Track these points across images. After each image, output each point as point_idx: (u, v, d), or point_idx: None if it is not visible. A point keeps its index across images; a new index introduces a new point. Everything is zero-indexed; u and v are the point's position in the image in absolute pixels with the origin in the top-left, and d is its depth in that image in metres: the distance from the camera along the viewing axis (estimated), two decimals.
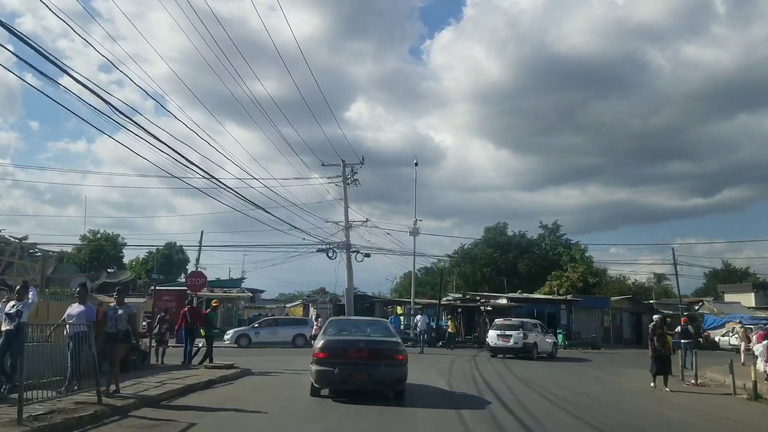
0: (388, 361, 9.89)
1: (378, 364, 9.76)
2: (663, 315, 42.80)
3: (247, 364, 16.85)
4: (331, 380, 9.82)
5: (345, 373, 9.62)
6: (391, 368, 9.84)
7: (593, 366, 21.52)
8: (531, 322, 25.11)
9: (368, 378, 9.73)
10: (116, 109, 10.23)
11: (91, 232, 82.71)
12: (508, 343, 22.76)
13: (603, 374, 18.14)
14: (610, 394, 12.98)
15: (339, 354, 9.81)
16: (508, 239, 60.58)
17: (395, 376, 9.90)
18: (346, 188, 33.35)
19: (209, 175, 16.82)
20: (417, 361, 19.63)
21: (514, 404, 10.53)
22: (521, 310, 36.90)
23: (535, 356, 22.84)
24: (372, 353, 9.90)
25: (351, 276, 33.38)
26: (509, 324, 23.78)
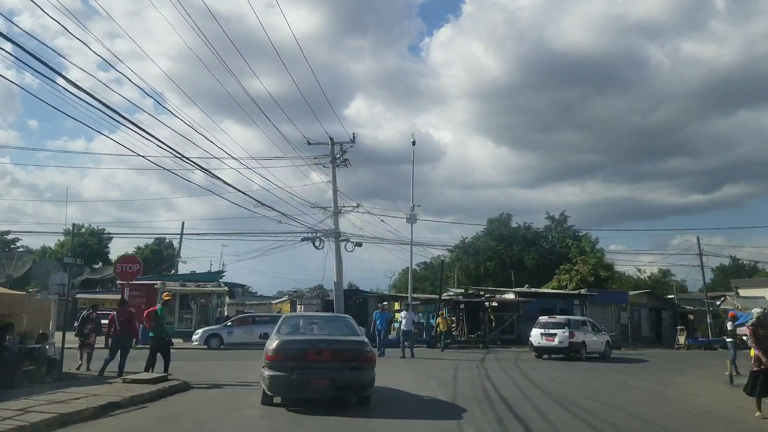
0: (354, 364, 8.68)
1: (341, 367, 8.57)
2: (686, 311, 39.64)
3: (200, 373, 13.76)
4: (286, 387, 8.51)
5: (303, 378, 8.39)
6: (357, 372, 8.65)
7: (653, 370, 18.20)
8: (579, 319, 23.42)
9: (330, 383, 8.49)
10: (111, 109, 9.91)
11: (75, 227, 79.38)
12: (552, 343, 21.18)
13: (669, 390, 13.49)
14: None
15: (296, 356, 8.56)
16: (513, 231, 57.08)
17: (361, 381, 8.70)
18: (334, 169, 29.76)
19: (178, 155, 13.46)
20: (401, 367, 16.02)
21: None
22: (530, 305, 33.40)
23: (583, 357, 21.10)
24: (334, 355, 8.69)
25: (340, 267, 29.78)
26: (554, 322, 22.20)
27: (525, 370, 16.12)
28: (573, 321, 22.50)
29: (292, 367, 8.41)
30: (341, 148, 29.78)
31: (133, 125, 11.11)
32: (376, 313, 21.06)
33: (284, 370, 8.42)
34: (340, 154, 29.65)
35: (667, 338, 36.37)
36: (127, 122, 10.97)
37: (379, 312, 20.82)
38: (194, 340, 24.70)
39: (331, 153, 29.69)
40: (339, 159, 29.71)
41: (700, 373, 17.65)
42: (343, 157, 29.74)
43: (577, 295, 35.86)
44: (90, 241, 76.32)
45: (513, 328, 32.87)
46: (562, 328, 21.40)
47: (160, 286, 29.12)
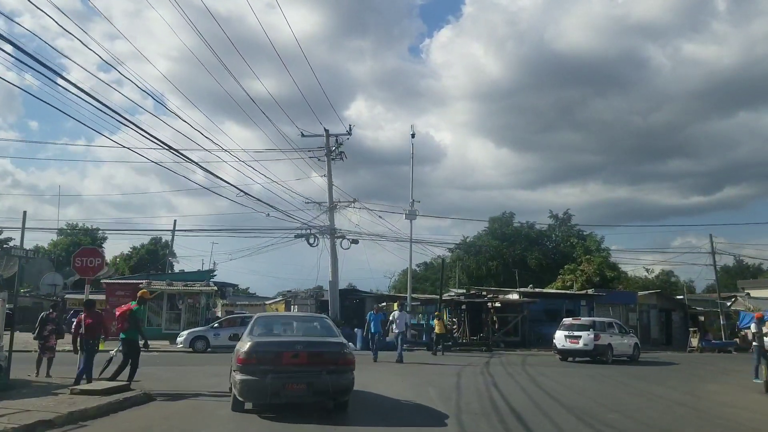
0: (332, 367, 8.20)
1: (319, 370, 8.09)
2: (697, 311, 38.06)
3: (172, 380, 12.45)
4: (259, 392, 7.95)
5: (278, 382, 7.87)
6: (336, 375, 8.17)
7: (676, 376, 16.64)
8: (605, 321, 22.54)
9: (307, 388, 8.00)
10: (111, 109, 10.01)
11: (69, 226, 78.20)
12: (577, 345, 20.49)
13: (702, 401, 11.78)
14: None
15: (270, 359, 8.02)
16: (516, 230, 55.54)
17: (340, 385, 8.20)
18: (329, 161, 28.34)
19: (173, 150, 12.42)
20: (398, 372, 14.47)
21: None
22: (534, 306, 31.89)
23: (609, 360, 20.40)
24: (312, 357, 8.17)
25: (336, 266, 28.37)
26: (578, 324, 21.48)
27: (535, 377, 14.58)
28: (598, 323, 21.69)
29: (266, 370, 7.87)
30: (337, 140, 28.37)
31: (132, 125, 10.95)
32: (370, 314, 19.43)
33: (257, 374, 7.87)
34: (335, 146, 28.22)
35: (677, 340, 34.84)
36: (126, 122, 10.94)
37: (374, 313, 19.13)
38: (179, 342, 23.17)
39: (326, 145, 28.27)
40: (335, 151, 28.28)
41: (727, 380, 16.18)
42: (338, 149, 28.35)
43: (584, 295, 34.35)
44: (83, 241, 74.93)
45: (517, 330, 31.33)
46: (587, 330, 20.65)
47: (145, 286, 27.62)
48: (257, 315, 11.27)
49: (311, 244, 27.81)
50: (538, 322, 32.61)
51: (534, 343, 30.38)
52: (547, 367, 17.89)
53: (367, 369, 15.52)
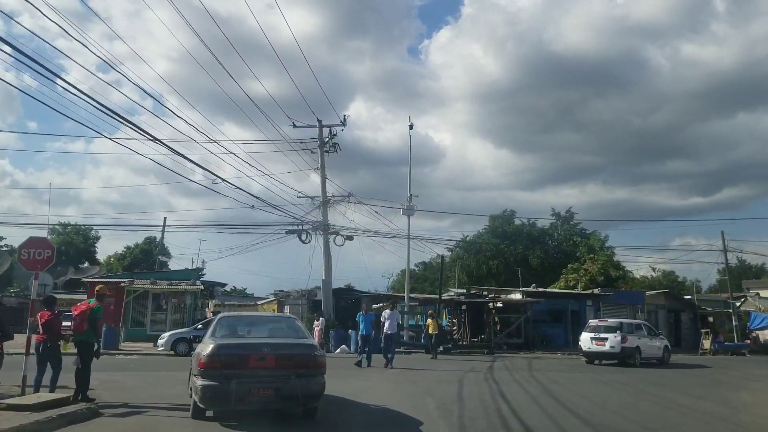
0: (302, 370, 7.67)
1: (288, 374, 7.56)
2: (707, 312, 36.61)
3: (135, 390, 11.05)
4: (223, 398, 7.35)
5: (243, 387, 7.30)
6: (306, 379, 7.64)
7: (702, 383, 15.18)
8: (633, 322, 21.88)
9: (274, 393, 7.45)
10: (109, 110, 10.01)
11: (60, 225, 76.87)
12: (603, 348, 19.91)
13: (741, 414, 10.15)
14: None
15: (235, 363, 7.45)
16: (517, 229, 54.01)
17: (310, 390, 7.67)
18: (323, 153, 26.86)
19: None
20: (391, 380, 12.96)
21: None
22: (538, 306, 30.45)
23: (637, 363, 19.79)
24: (280, 360, 7.61)
25: (329, 263, 26.88)
26: (605, 325, 20.86)
27: (546, 384, 13.08)
28: (626, 324, 20.99)
29: (230, 375, 7.31)
30: (330, 131, 26.90)
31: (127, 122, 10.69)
32: (360, 314, 17.81)
33: (220, 379, 7.28)
34: (329, 137, 26.75)
35: (687, 342, 33.43)
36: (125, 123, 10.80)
37: (363, 313, 17.33)
38: (159, 345, 21.65)
39: (319, 136, 26.80)
40: (328, 143, 26.81)
41: (757, 387, 14.68)
42: (332, 140, 26.87)
43: (590, 295, 32.93)
44: (75, 240, 73.49)
45: (520, 332, 29.87)
46: (614, 331, 20.06)
47: (127, 285, 26.18)
48: (220, 315, 9.95)
49: (303, 241, 26.32)
50: (542, 323, 31.24)
51: (538, 345, 28.97)
52: (557, 372, 16.40)
53: (358, 375, 14.03)
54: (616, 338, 19.68)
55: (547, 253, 51.79)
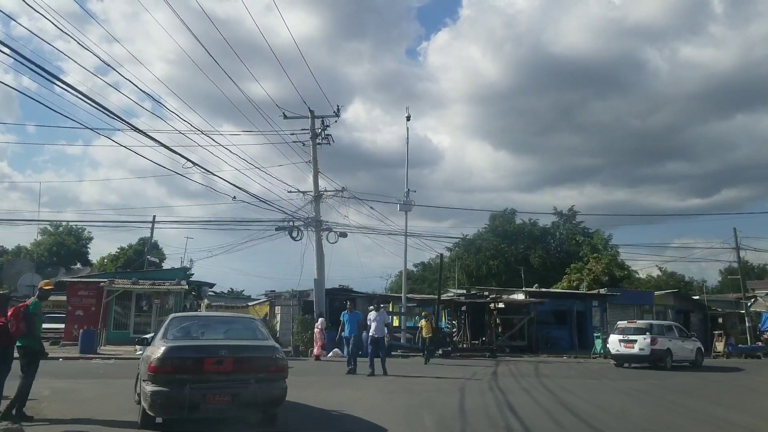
0: (262, 375, 7.12)
1: (246, 379, 7.01)
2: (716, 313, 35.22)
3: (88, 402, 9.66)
4: (175, 405, 6.76)
5: (197, 393, 6.76)
6: (266, 384, 7.10)
7: (734, 390, 14.02)
8: (663, 324, 21.39)
9: (231, 400, 6.90)
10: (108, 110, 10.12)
11: (52, 225, 75.47)
12: (632, 350, 19.33)
13: None
14: None
15: (189, 366, 6.88)
16: (518, 228, 52.66)
17: (271, 396, 7.11)
18: (315, 145, 25.43)
19: None
20: (383, 389, 11.51)
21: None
22: (542, 307, 29.04)
23: (669, 366, 19.17)
24: (238, 364, 7.05)
25: (322, 262, 25.44)
26: (634, 327, 20.29)
27: (558, 394, 11.65)
28: (656, 326, 20.43)
29: (184, 380, 6.83)
30: (323, 122, 25.46)
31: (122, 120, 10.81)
32: (344, 314, 16.04)
33: (173, 385, 6.80)
34: (321, 128, 25.33)
35: None
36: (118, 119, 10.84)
37: (348, 313, 15.66)
38: (137, 349, 20.15)
39: (311, 127, 25.38)
40: (320, 135, 25.39)
41: None
42: (324, 132, 25.45)
43: (596, 295, 31.52)
44: (67, 240, 72.10)
45: (523, 334, 28.46)
46: (643, 333, 19.45)
47: (106, 285, 24.73)
48: (172, 315, 9.09)
49: (294, 238, 24.88)
50: (546, 325, 29.84)
51: (542, 348, 27.57)
52: (567, 378, 14.95)
53: (347, 383, 12.58)
54: (646, 340, 19.03)
55: (549, 253, 50.49)
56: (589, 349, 27.16)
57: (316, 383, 12.62)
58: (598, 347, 25.26)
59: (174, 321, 8.29)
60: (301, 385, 12.41)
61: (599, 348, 25.21)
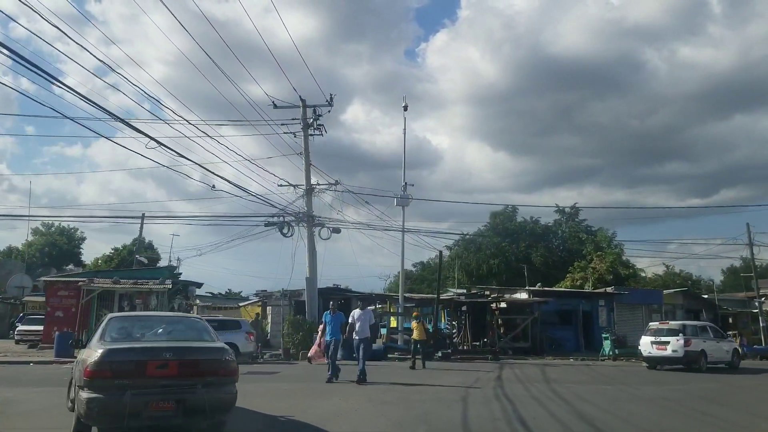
0: (210, 379, 6.65)
1: (193, 383, 6.53)
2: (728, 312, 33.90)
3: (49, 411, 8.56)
4: (114, 413, 6.23)
5: (139, 400, 6.25)
6: (215, 389, 6.64)
7: None
8: (698, 324, 20.96)
9: (176, 407, 6.43)
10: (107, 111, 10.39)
11: (44, 225, 74.10)
12: (664, 352, 18.87)
13: None
14: None
15: (129, 371, 6.37)
16: (519, 226, 51.25)
17: (219, 401, 6.65)
18: (306, 136, 24.06)
19: None
20: (375, 399, 10.09)
21: None
22: (546, 307, 27.67)
23: (704, 368, 18.66)
24: (184, 367, 6.58)
25: (314, 259, 24.08)
26: (667, 328, 19.75)
27: (573, 403, 10.26)
28: (690, 326, 19.97)
29: (124, 385, 6.29)
30: (315, 111, 24.08)
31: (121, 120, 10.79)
32: (326, 314, 14.09)
33: (111, 391, 6.26)
34: (313, 117, 23.96)
35: None
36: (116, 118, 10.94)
37: (330, 313, 13.74)
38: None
39: (303, 117, 24.00)
40: (313, 125, 24.02)
41: None
42: (317, 122, 24.08)
43: (602, 294, 30.15)
44: (59, 241, 70.76)
45: (526, 335, 27.09)
46: (676, 334, 18.98)
47: (85, 284, 23.31)
48: (110, 315, 8.25)
49: (285, 234, 23.50)
50: (550, 325, 28.46)
51: (547, 350, 26.19)
52: (579, 384, 13.54)
53: (333, 392, 11.16)
54: (679, 342, 18.56)
55: (551, 251, 49.06)
56: (595, 350, 25.81)
57: (299, 392, 11.24)
58: (607, 349, 23.89)
59: (113, 321, 7.65)
60: (282, 394, 11.02)
61: (608, 350, 23.85)
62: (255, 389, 11.40)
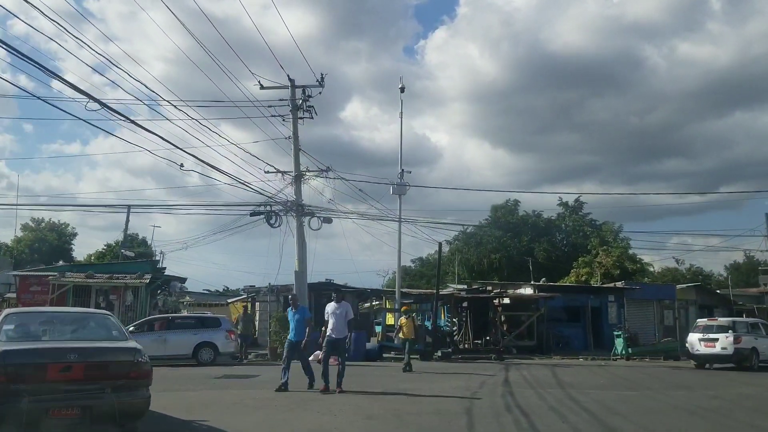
0: (120, 382, 6.26)
1: (101, 387, 6.14)
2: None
3: None
4: (10, 423, 5.71)
5: (39, 407, 5.78)
6: (125, 393, 6.26)
7: None
8: (749, 321, 20.26)
9: (81, 413, 5.98)
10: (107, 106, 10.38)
11: (34, 221, 72.49)
12: (713, 350, 18.27)
13: None
14: None
15: (28, 375, 5.89)
16: (521, 219, 49.58)
17: (131, 407, 6.29)
18: (296, 119, 22.30)
19: None
20: (360, 410, 8.35)
21: None
22: (552, 303, 26.00)
23: (755, 366, 18.04)
24: (91, 370, 6.17)
25: (303, 251, 22.32)
26: (716, 325, 19.17)
27: (601, 415, 8.56)
28: (740, 323, 19.33)
29: (21, 390, 5.69)
30: (304, 92, 22.32)
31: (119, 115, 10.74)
32: (288, 310, 11.98)
33: (7, 398, 5.64)
34: (302, 99, 22.21)
35: None
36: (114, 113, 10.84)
37: (291, 309, 11.70)
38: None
39: (291, 97, 22.22)
40: (302, 106, 22.27)
41: None
42: (306, 104, 22.32)
43: (612, 289, 28.48)
44: (49, 237, 69.12)
45: (531, 332, 25.42)
46: (726, 331, 18.26)
47: (54, 279, 21.60)
48: (6, 311, 7.60)
49: (272, 225, 21.73)
50: (557, 322, 26.79)
51: (553, 349, 24.53)
52: (601, 390, 11.80)
53: (314, 403, 9.40)
54: (728, 339, 17.90)
55: (555, 246, 47.42)
56: (605, 348, 24.17)
57: (274, 402, 9.51)
58: (619, 348, 22.21)
59: (9, 319, 6.97)
60: (253, 406, 9.25)
61: (620, 348, 22.17)
62: (221, 398, 9.70)
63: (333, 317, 11.06)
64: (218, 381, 12.77)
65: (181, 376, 13.59)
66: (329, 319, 11.11)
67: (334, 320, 11.01)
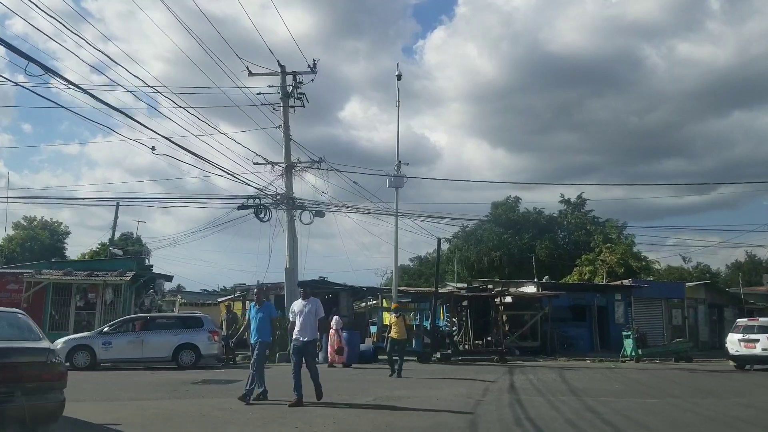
0: (32, 384, 5.97)
1: (10, 390, 5.79)
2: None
3: None
4: None
5: None
6: (37, 396, 5.98)
7: None
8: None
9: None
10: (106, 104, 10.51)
11: (26, 219, 71.22)
12: (754, 350, 17.79)
13: None
14: None
15: None
16: (522, 217, 48.36)
17: (44, 410, 6.02)
18: (286, 107, 21.13)
19: None
20: (342, 426, 7.10)
21: None
22: (556, 302, 24.79)
23: None
24: (1, 371, 5.77)
25: (294, 247, 21.18)
26: (757, 325, 18.53)
27: (623, 428, 7.33)
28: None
29: None
30: (295, 78, 21.14)
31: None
32: (251, 307, 10.58)
33: None
34: (293, 85, 21.02)
35: None
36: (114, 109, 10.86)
37: (254, 305, 10.34)
38: None
39: (281, 84, 21.07)
40: (293, 93, 21.08)
41: None
42: (298, 92, 21.13)
43: (619, 287, 27.26)
44: (41, 235, 67.89)
45: (535, 333, 24.23)
46: (766, 332, 17.59)
47: (28, 276, 20.37)
48: None
49: (262, 219, 20.54)
50: (561, 321, 25.60)
51: (558, 350, 23.34)
52: (617, 398, 10.57)
53: (293, 417, 8.10)
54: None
55: (557, 244, 46.19)
56: (611, 349, 22.99)
57: (246, 415, 8.24)
58: (629, 349, 20.99)
59: None
60: (221, 419, 7.97)
61: (629, 350, 20.95)
62: (188, 410, 8.47)
63: (301, 316, 9.56)
64: (194, 387, 11.53)
65: (154, 382, 12.36)
66: (296, 320, 9.60)
67: (302, 320, 9.52)
